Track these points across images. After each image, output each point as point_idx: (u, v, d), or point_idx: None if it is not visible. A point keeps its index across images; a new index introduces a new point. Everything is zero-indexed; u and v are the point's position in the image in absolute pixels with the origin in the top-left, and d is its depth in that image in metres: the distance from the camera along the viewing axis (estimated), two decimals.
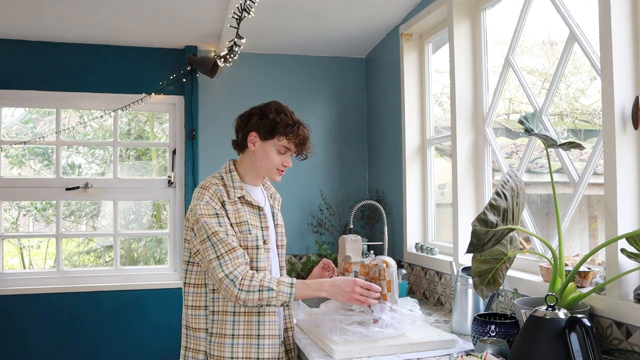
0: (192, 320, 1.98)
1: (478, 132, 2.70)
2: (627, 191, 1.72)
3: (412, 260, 3.12)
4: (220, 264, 1.84)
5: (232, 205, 1.94)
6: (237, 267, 1.84)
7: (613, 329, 1.70)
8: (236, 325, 1.92)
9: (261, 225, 2.00)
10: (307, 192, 3.80)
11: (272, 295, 1.83)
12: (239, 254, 1.86)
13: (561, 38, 2.20)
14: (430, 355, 1.89)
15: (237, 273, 1.83)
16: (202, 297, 1.97)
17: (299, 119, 2.03)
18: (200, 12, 3.11)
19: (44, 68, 3.54)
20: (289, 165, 2.04)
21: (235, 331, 1.92)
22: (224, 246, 1.85)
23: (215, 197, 1.92)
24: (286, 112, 2.01)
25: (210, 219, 1.88)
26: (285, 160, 2.02)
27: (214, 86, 3.72)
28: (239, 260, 1.85)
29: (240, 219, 1.94)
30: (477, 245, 1.75)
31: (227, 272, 1.83)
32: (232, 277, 1.82)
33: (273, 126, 1.97)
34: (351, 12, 3.16)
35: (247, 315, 1.93)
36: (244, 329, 1.93)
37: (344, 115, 3.94)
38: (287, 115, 2.01)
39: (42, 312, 3.47)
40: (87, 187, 3.61)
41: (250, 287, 1.82)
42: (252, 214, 1.99)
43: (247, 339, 1.93)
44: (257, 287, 1.82)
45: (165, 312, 3.60)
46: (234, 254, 1.85)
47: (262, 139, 1.99)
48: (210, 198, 1.91)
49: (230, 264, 1.84)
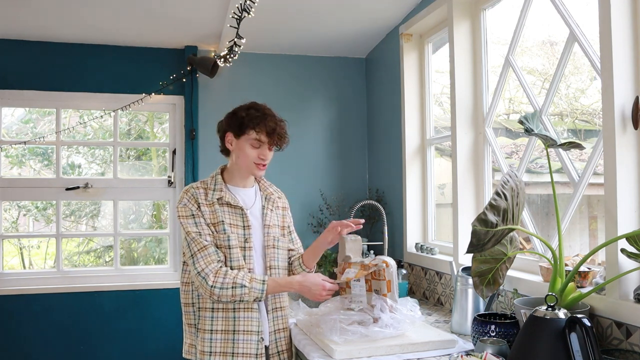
0: (185, 316, 2.11)
1: (478, 132, 2.70)
2: (627, 191, 1.72)
3: (412, 260, 3.12)
4: (193, 261, 1.97)
5: (208, 206, 2.05)
6: (209, 264, 1.95)
7: (613, 329, 1.70)
8: (214, 320, 2.03)
9: (243, 225, 2.07)
10: (307, 192, 3.79)
11: (245, 291, 1.94)
12: (211, 251, 1.98)
13: (561, 38, 2.20)
14: (430, 355, 1.89)
15: (208, 270, 1.95)
16: (189, 294, 2.09)
17: (270, 113, 2.06)
18: (200, 12, 3.11)
19: (44, 68, 3.54)
20: (266, 157, 2.07)
21: (213, 326, 2.03)
22: (196, 244, 1.98)
23: (192, 199, 2.05)
24: (257, 108, 2.06)
25: (186, 219, 2.02)
26: (261, 153, 2.06)
27: (214, 86, 3.72)
28: (211, 258, 1.97)
29: (216, 219, 2.04)
30: (477, 245, 1.75)
31: (199, 270, 1.95)
32: (204, 274, 1.94)
33: (241, 121, 2.04)
34: (351, 12, 3.16)
35: (224, 312, 2.03)
36: (222, 324, 2.03)
37: (344, 115, 3.94)
38: (258, 109, 2.05)
39: (42, 312, 3.47)
40: (87, 187, 3.61)
41: (223, 283, 1.93)
42: (233, 213, 2.07)
43: (224, 334, 2.02)
44: (230, 284, 1.94)
45: (165, 312, 3.60)
46: (206, 252, 1.97)
47: (235, 136, 2.08)
48: (187, 200, 2.05)
49: (203, 262, 1.96)
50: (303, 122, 3.84)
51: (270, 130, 2.03)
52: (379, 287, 2.07)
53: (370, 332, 1.95)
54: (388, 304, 2.02)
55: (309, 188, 3.81)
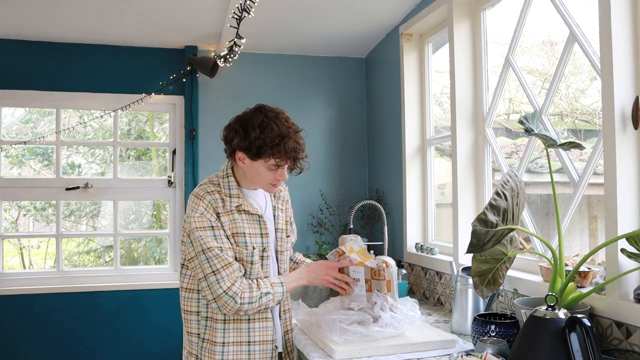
0: (185, 323, 1.99)
1: (478, 132, 2.70)
2: (627, 191, 1.72)
3: (412, 260, 3.12)
4: (217, 279, 1.82)
5: (227, 215, 1.89)
6: (234, 282, 1.83)
7: (613, 329, 1.70)
8: (226, 332, 1.91)
9: (261, 233, 1.96)
10: (307, 192, 3.79)
11: (270, 298, 1.89)
12: (235, 268, 1.85)
13: (561, 38, 2.20)
14: (430, 355, 1.89)
15: (235, 289, 1.82)
16: (194, 302, 1.95)
17: (287, 130, 1.85)
18: (200, 12, 3.11)
19: (44, 68, 3.54)
20: (283, 178, 1.93)
21: (225, 339, 1.91)
22: (219, 261, 1.83)
23: (210, 207, 1.87)
24: (272, 127, 1.83)
25: (204, 232, 1.84)
26: (279, 174, 1.91)
27: (214, 86, 3.72)
28: (235, 275, 1.84)
29: (236, 230, 1.89)
30: (477, 245, 1.75)
31: (225, 289, 1.82)
32: (232, 293, 1.82)
33: (258, 149, 1.83)
34: (351, 12, 3.16)
35: (236, 323, 1.92)
36: (234, 336, 1.91)
37: (344, 115, 3.94)
38: (273, 129, 1.83)
39: (42, 312, 3.47)
40: (87, 187, 3.61)
41: (251, 298, 1.84)
42: (251, 221, 1.94)
43: (237, 346, 1.92)
44: (257, 296, 1.85)
45: (165, 312, 3.60)
46: (230, 269, 1.83)
47: (250, 159, 1.87)
48: (205, 209, 1.86)
49: (228, 280, 1.82)
50: (303, 122, 3.76)
51: (290, 156, 1.86)
52: (379, 287, 2.07)
53: (370, 332, 1.95)
54: (389, 302, 2.02)
55: (309, 188, 3.81)
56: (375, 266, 2.06)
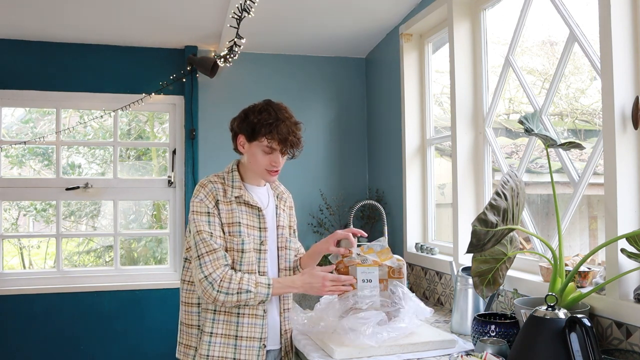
0: (185, 316, 2.02)
1: (478, 132, 2.70)
2: (627, 191, 1.72)
3: (412, 260, 3.12)
4: (200, 264, 1.88)
5: (226, 204, 1.96)
6: (216, 268, 1.87)
7: (613, 329, 1.70)
8: (215, 323, 1.95)
9: (260, 226, 2.00)
10: (307, 192, 3.79)
11: (250, 296, 1.89)
12: (220, 255, 1.89)
13: (561, 38, 2.20)
14: (430, 355, 1.89)
15: (215, 275, 1.86)
16: (195, 294, 1.99)
17: (284, 116, 1.95)
18: (200, 12, 3.11)
19: (44, 68, 3.54)
20: (278, 164, 1.99)
21: (213, 329, 1.94)
22: (205, 246, 1.88)
23: (210, 195, 1.95)
24: (270, 111, 1.94)
25: (200, 216, 1.92)
26: (273, 159, 1.97)
27: (214, 86, 3.72)
28: (219, 262, 1.88)
29: (232, 220, 1.95)
30: (477, 245, 1.75)
31: (206, 274, 1.86)
32: (211, 279, 1.86)
33: (253, 127, 1.93)
34: (351, 12, 3.16)
35: (226, 315, 1.95)
36: (222, 327, 1.95)
37: (344, 115, 3.94)
38: (270, 113, 1.94)
39: (42, 312, 3.47)
40: (87, 187, 3.61)
41: (229, 289, 1.86)
42: (250, 214, 1.99)
43: (224, 338, 1.94)
44: (236, 289, 1.87)
45: (165, 312, 3.60)
46: (214, 255, 1.88)
47: (248, 141, 1.98)
48: (204, 196, 1.94)
49: (210, 266, 1.87)
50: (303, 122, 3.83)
51: (282, 137, 1.93)
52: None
53: (395, 329, 1.93)
54: (406, 290, 2.02)
55: (309, 188, 3.81)
56: (395, 265, 2.06)
